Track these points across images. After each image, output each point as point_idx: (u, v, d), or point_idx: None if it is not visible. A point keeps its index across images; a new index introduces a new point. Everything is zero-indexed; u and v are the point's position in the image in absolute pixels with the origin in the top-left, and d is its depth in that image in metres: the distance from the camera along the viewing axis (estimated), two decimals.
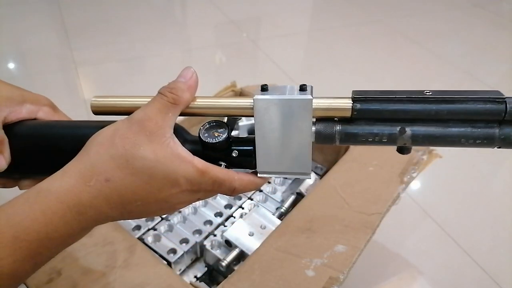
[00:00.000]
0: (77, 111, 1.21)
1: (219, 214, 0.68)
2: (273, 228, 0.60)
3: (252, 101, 0.33)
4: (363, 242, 0.54)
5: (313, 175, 0.73)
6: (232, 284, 0.49)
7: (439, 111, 0.31)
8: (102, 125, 0.34)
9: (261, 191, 0.74)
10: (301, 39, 1.81)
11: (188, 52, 1.61)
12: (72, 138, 0.37)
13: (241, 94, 0.83)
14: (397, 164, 0.66)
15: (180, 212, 0.67)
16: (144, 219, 0.65)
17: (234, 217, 0.68)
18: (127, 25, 1.74)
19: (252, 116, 0.34)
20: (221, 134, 0.35)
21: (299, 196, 0.69)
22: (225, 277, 0.53)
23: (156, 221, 0.65)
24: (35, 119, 0.41)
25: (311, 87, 0.33)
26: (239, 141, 0.36)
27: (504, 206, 0.97)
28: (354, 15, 1.97)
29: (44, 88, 1.30)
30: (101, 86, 1.39)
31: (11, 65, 1.49)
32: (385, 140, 0.32)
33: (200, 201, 0.69)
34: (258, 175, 0.35)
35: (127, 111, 0.35)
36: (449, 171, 1.02)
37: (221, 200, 0.71)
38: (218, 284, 0.54)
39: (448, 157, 0.72)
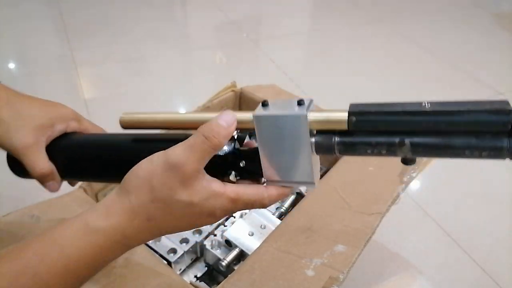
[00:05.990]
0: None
1: None
2: (273, 228, 0.60)
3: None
4: (363, 242, 0.54)
5: None
6: (232, 284, 0.50)
7: (438, 123, 0.29)
8: (125, 138, 0.42)
9: None
10: (301, 39, 1.81)
11: (188, 52, 1.61)
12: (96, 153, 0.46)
13: (241, 94, 0.83)
14: (396, 164, 0.66)
15: None
16: None
17: (234, 217, 0.68)
18: (127, 25, 1.74)
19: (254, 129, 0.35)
20: (227, 147, 0.37)
21: (299, 196, 0.69)
22: (225, 276, 0.53)
23: None
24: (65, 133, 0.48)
25: (310, 100, 0.34)
26: (245, 152, 0.37)
27: (504, 206, 0.97)
28: (354, 15, 1.97)
29: (44, 88, 1.30)
30: (101, 86, 1.39)
31: (11, 65, 1.49)
32: (384, 152, 0.32)
33: None
34: (265, 184, 0.36)
35: (154, 127, 0.39)
36: (449, 171, 1.02)
37: None
38: (218, 283, 0.54)
39: None
